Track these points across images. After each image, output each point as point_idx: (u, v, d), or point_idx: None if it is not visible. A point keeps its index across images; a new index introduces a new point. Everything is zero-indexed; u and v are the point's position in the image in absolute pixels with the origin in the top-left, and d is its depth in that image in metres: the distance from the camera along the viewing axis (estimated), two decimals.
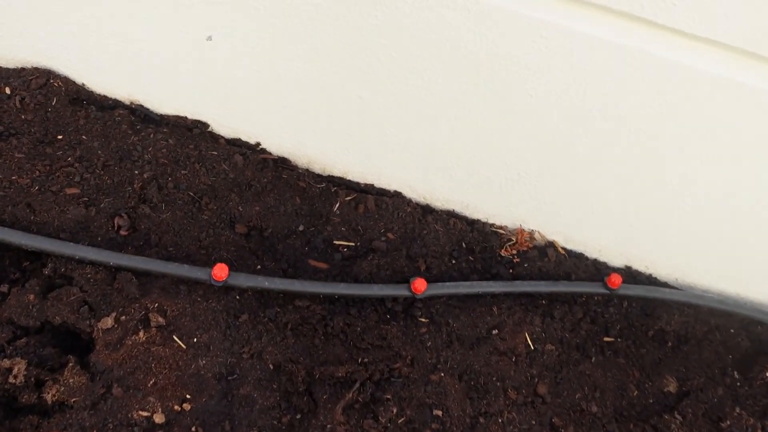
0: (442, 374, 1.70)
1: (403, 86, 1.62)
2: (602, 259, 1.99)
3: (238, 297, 1.68)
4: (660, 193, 1.73)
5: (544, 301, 1.90)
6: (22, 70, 1.80)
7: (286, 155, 1.90)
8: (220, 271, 1.61)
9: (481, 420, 1.63)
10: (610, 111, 1.56)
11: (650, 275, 2.00)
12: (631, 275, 1.99)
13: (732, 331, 1.94)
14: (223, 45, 1.63)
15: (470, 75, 1.56)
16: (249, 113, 1.80)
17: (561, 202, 1.84)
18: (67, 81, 1.80)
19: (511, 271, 1.92)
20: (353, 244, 1.86)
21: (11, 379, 1.40)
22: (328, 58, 1.59)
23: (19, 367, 1.41)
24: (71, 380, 1.44)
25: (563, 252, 1.97)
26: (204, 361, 1.56)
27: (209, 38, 1.61)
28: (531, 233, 1.96)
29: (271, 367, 1.60)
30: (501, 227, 1.96)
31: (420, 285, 1.75)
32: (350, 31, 1.52)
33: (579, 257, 1.98)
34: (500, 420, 1.65)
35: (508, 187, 1.83)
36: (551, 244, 1.97)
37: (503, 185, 1.83)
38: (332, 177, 1.93)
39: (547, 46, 1.46)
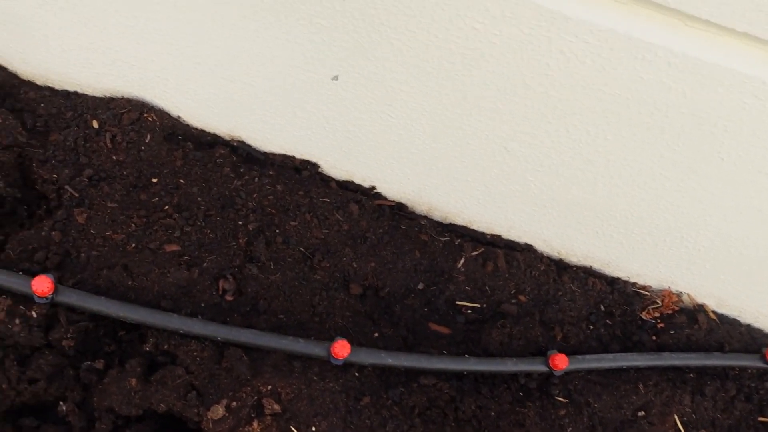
0: None
1: (563, 139, 1.36)
2: (758, 325, 1.73)
3: (357, 374, 1.47)
4: None
5: (692, 375, 1.66)
6: (110, 101, 1.57)
7: (404, 200, 1.66)
8: (342, 349, 1.40)
9: None
10: None
11: None
12: None
13: None
14: (349, 85, 1.38)
15: (651, 132, 1.29)
16: (367, 156, 1.56)
17: (724, 267, 1.58)
18: (161, 114, 1.57)
19: (654, 338, 1.68)
20: (479, 305, 1.63)
21: None
22: (476, 107, 1.34)
23: None
24: None
25: (714, 317, 1.71)
26: None
27: (336, 78, 1.36)
28: (679, 295, 1.70)
29: None
30: (644, 287, 1.71)
31: (560, 361, 1.53)
32: (514, 82, 1.26)
33: (732, 324, 1.73)
34: None
35: (664, 248, 1.57)
36: (701, 308, 1.71)
37: (659, 246, 1.57)
38: (453, 225, 1.69)
39: (759, 109, 1.19)
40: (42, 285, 1.30)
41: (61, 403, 1.31)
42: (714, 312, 1.72)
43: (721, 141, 1.27)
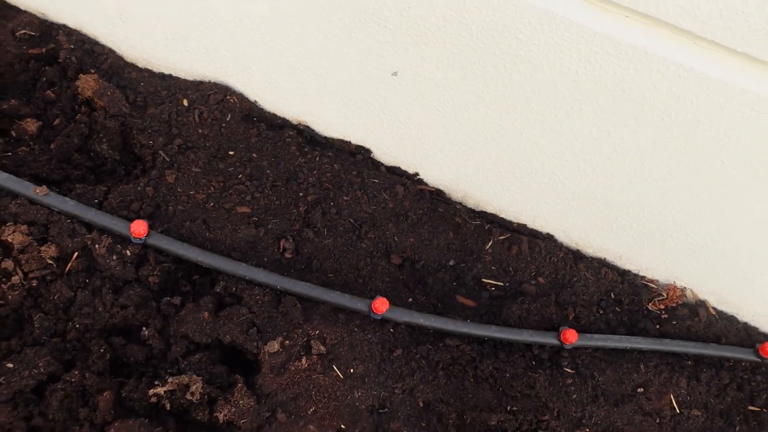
0: (587, 430, 1.68)
1: (586, 138, 1.59)
2: (754, 323, 1.91)
3: (392, 330, 1.70)
4: None
5: (690, 362, 1.84)
6: (199, 84, 1.85)
7: (442, 187, 1.89)
8: (381, 305, 1.63)
9: None
10: None
11: None
12: None
13: None
14: (406, 81, 1.62)
15: (662, 135, 1.51)
16: (414, 145, 1.80)
17: (727, 266, 1.78)
18: (241, 98, 1.84)
19: (657, 327, 1.88)
20: (502, 284, 1.85)
21: (188, 396, 1.46)
22: (513, 106, 1.57)
23: (197, 385, 1.46)
24: (241, 402, 1.48)
25: (714, 313, 1.90)
26: (359, 393, 1.59)
27: (395, 74, 1.60)
28: (683, 290, 1.90)
29: (422, 404, 1.62)
30: (652, 281, 1.91)
31: (571, 336, 1.73)
32: (546, 86, 1.49)
33: (730, 320, 1.91)
34: None
35: (671, 244, 1.77)
36: (703, 304, 1.91)
37: (666, 242, 1.77)
38: (485, 213, 1.92)
39: (755, 119, 1.40)
40: (139, 228, 1.56)
41: (144, 328, 1.56)
42: (714, 308, 1.91)
43: (722, 146, 1.48)
